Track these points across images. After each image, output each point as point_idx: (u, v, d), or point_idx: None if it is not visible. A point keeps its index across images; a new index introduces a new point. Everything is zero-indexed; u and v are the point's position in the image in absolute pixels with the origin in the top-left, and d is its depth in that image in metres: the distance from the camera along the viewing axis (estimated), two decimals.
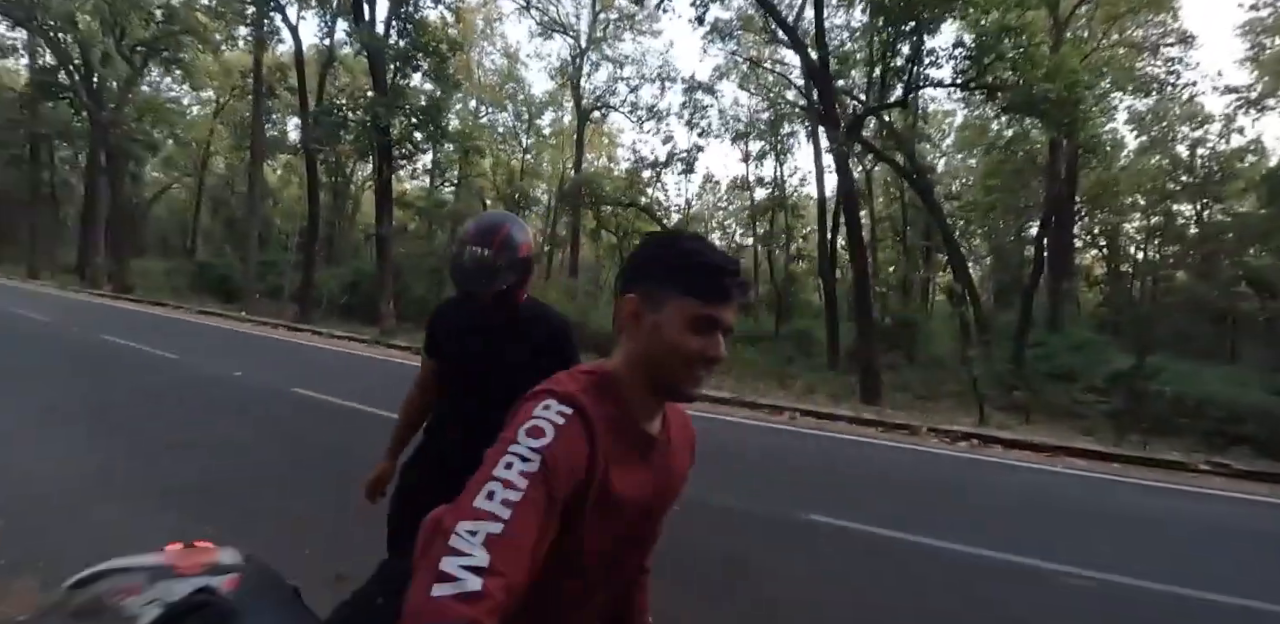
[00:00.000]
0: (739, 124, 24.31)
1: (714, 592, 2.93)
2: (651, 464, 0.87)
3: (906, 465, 5.75)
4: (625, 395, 0.84)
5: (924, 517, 4.12)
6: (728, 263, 0.84)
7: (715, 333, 0.83)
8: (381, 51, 15.59)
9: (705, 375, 0.84)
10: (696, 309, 0.81)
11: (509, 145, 30.90)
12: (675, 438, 0.94)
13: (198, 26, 20.28)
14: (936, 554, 3.53)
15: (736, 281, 0.84)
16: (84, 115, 22.94)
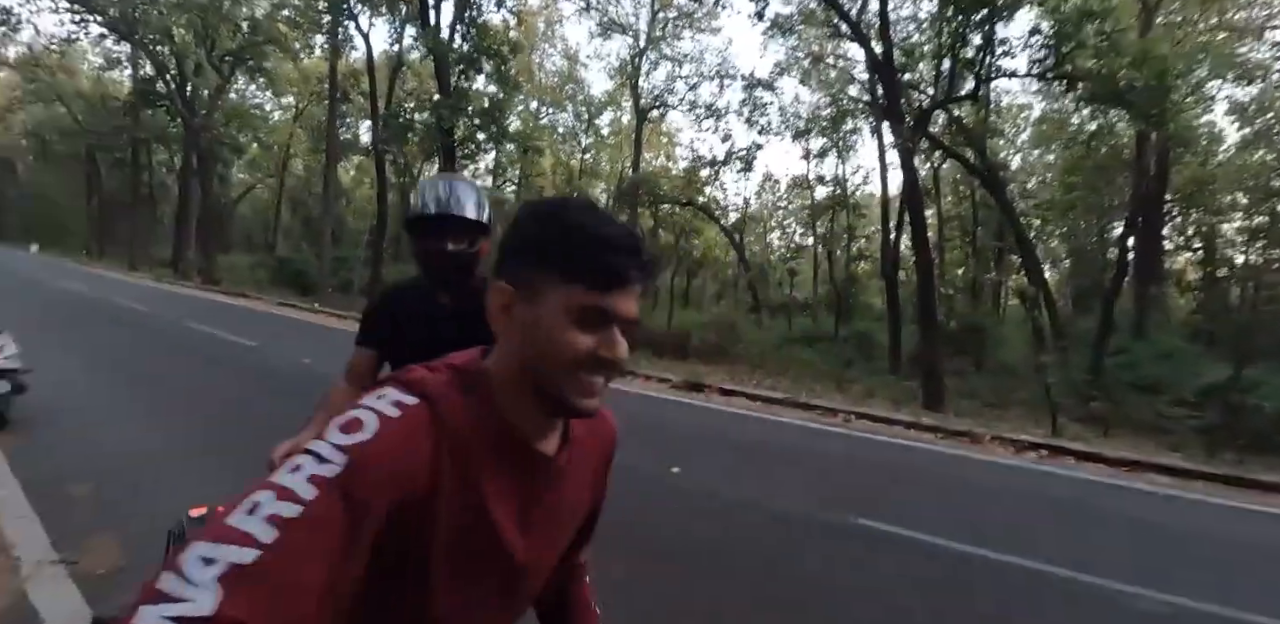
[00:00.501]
0: (799, 121, 23.83)
1: (755, 591, 2.86)
2: (538, 494, 0.67)
3: (965, 473, 5.48)
4: (503, 404, 0.64)
5: (978, 526, 3.91)
6: (623, 237, 0.63)
7: (610, 328, 0.63)
8: (446, 55, 16.08)
9: (601, 383, 0.64)
10: (583, 298, 0.61)
11: (568, 145, 31.31)
12: (576, 463, 0.72)
13: (279, 36, 21.48)
14: (989, 566, 3.34)
15: (636, 261, 0.63)
16: (179, 121, 24.69)
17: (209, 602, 0.42)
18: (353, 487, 0.51)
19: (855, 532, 3.76)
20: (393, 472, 0.54)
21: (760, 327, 23.84)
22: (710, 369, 11.37)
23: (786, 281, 30.31)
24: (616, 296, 0.62)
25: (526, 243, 0.64)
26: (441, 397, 0.60)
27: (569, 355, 0.61)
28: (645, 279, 0.64)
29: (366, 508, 0.51)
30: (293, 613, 0.46)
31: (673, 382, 9.01)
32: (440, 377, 0.63)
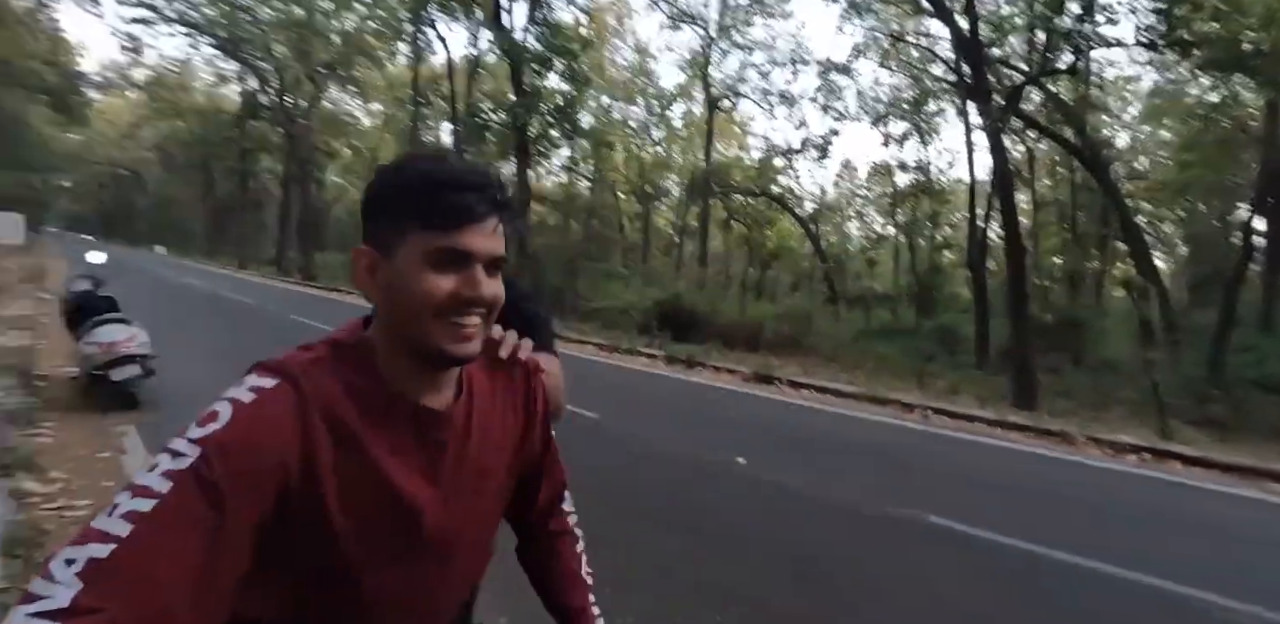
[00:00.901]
0: (879, 105, 22.86)
1: (805, 578, 2.81)
2: (438, 447, 0.67)
3: (1051, 474, 5.14)
4: (382, 365, 0.64)
5: (1060, 529, 3.67)
6: (464, 174, 0.63)
7: (470, 267, 0.62)
8: (520, 56, 16.49)
9: (474, 325, 0.63)
10: (434, 241, 0.60)
11: (640, 138, 31.41)
12: (483, 414, 0.72)
13: (367, 46, 22.70)
14: (1064, 569, 3.13)
15: (480, 196, 0.62)
16: (280, 130, 26.57)
17: (68, 595, 0.45)
18: (205, 475, 0.52)
19: (920, 527, 3.63)
20: (249, 454, 0.54)
21: (837, 319, 23.15)
22: (783, 362, 11.14)
23: (865, 272, 29.25)
24: (468, 234, 0.61)
25: (375, 202, 0.64)
26: (303, 373, 0.60)
27: (431, 301, 0.61)
28: (496, 212, 0.63)
29: (222, 493, 0.52)
30: (152, 603, 0.47)
31: (743, 374, 8.92)
32: (308, 354, 0.63)
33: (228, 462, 0.53)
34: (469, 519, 0.72)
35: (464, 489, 0.70)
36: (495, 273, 0.64)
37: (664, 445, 5.12)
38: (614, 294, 19.95)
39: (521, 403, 0.78)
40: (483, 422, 0.72)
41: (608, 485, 4.03)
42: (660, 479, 4.32)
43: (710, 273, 26.11)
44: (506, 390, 0.77)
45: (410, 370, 0.65)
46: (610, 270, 25.47)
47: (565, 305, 21.94)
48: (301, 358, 0.63)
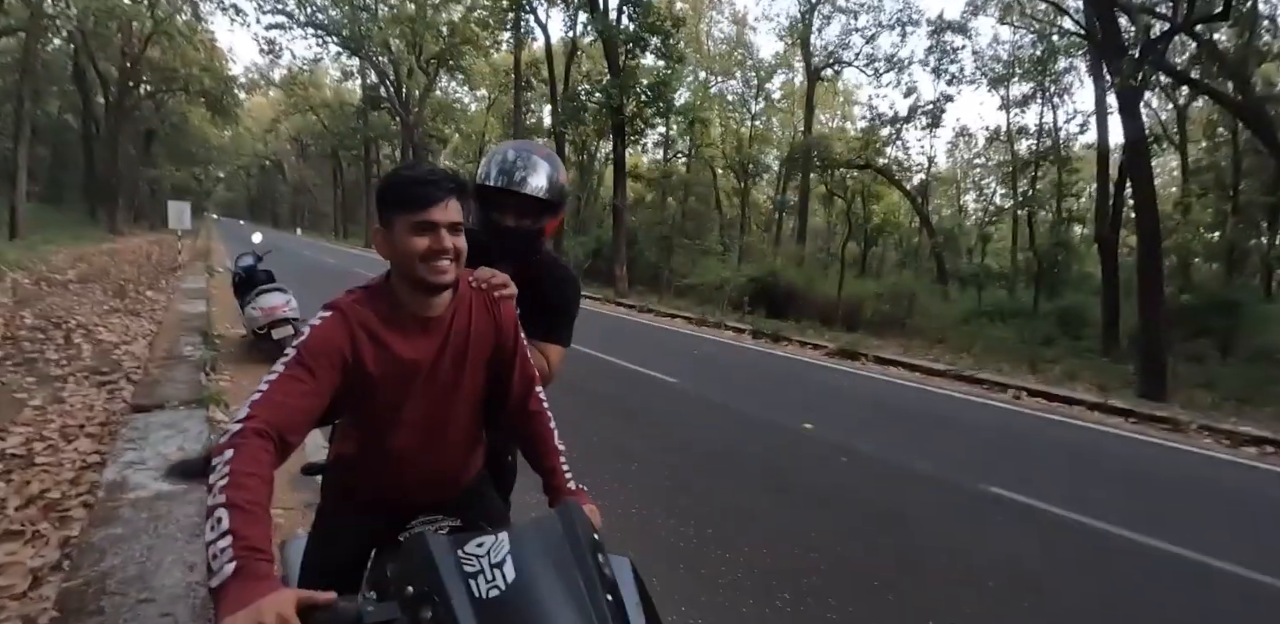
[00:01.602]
0: (998, 65, 21.12)
1: (862, 537, 2.99)
2: (432, 335, 1.12)
3: (1133, 458, 4.89)
4: (396, 295, 1.10)
5: (1133, 509, 3.59)
6: (425, 173, 1.05)
7: (437, 231, 1.03)
8: (614, 36, 16.73)
9: (442, 265, 1.05)
10: (413, 218, 1.03)
11: (738, 113, 30.87)
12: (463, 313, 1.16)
13: (473, 36, 23.82)
14: (1124, 544, 3.10)
15: (436, 186, 1.04)
16: (397, 120, 28.56)
17: (245, 411, 0.91)
18: (304, 360, 0.99)
19: (981, 497, 3.69)
20: (328, 350, 1.01)
21: (945, 298, 21.99)
22: (882, 342, 10.88)
23: (979, 249, 27.38)
24: (432, 211, 1.03)
25: (379, 197, 1.08)
26: (345, 305, 1.07)
27: (417, 252, 1.03)
28: (448, 192, 1.04)
29: (309, 368, 0.98)
30: (278, 416, 0.92)
31: (828, 349, 8.91)
32: (350, 295, 1.10)
33: (308, 353, 1.00)
34: (457, 376, 1.17)
35: (452, 357, 1.15)
36: (456, 232, 1.06)
37: (737, 408, 5.37)
38: (709, 270, 20.08)
39: (491, 312, 1.21)
40: (467, 321, 1.17)
41: (679, 435, 4.36)
42: (731, 437, 4.58)
43: (810, 249, 25.53)
44: (484, 305, 1.20)
45: (413, 295, 1.10)
46: (706, 247, 25.52)
47: (660, 281, 22.35)
48: (346, 298, 1.09)
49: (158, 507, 2.35)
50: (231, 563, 0.73)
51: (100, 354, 5.32)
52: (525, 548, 0.81)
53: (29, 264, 11.36)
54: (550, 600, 0.77)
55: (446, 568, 0.78)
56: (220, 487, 0.80)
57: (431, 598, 0.75)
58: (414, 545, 0.82)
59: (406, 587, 0.78)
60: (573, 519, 0.87)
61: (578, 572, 0.80)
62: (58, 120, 28.54)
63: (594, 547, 0.84)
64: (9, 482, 2.80)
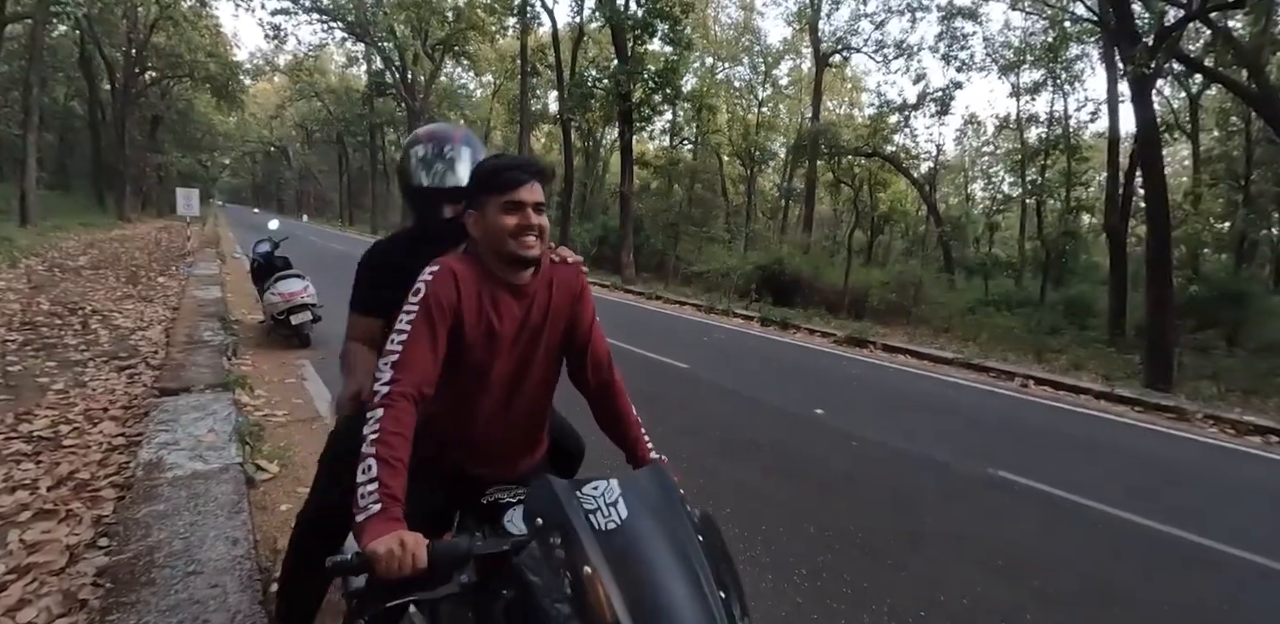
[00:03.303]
0: (1008, 52, 20.88)
1: (869, 517, 3.05)
2: (520, 302, 1.25)
3: (1139, 446, 4.94)
4: (487, 264, 1.23)
5: (1137, 493, 3.65)
6: (512, 159, 1.22)
7: (524, 209, 1.18)
8: (622, 22, 16.59)
9: (529, 240, 1.19)
10: (503, 198, 1.18)
11: (745, 99, 30.63)
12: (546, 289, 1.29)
13: (479, 21, 23.61)
14: (1136, 531, 3.17)
15: (522, 169, 1.19)
16: (403, 106, 28.44)
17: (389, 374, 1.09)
18: (429, 313, 1.15)
19: (988, 481, 3.77)
20: (443, 302, 1.16)
21: (951, 287, 21.96)
22: (889, 330, 10.92)
23: (986, 238, 27.24)
24: (520, 191, 1.18)
25: (475, 182, 1.25)
26: (454, 262, 1.21)
27: (507, 229, 1.18)
28: (533, 176, 1.19)
29: (438, 320, 1.15)
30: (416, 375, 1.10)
31: (835, 337, 8.95)
32: (453, 257, 1.24)
33: (436, 305, 1.16)
34: (536, 346, 1.30)
35: (539, 322, 1.29)
36: (540, 211, 1.21)
37: (748, 394, 5.44)
38: (715, 258, 20.08)
39: (572, 284, 1.34)
40: (549, 292, 1.30)
41: (693, 420, 4.43)
42: (744, 422, 4.65)
43: (816, 237, 25.44)
44: (564, 277, 1.33)
45: (500, 267, 1.24)
46: (712, 234, 25.47)
47: (667, 268, 22.36)
48: (450, 258, 1.24)
49: (195, 485, 2.43)
50: (376, 504, 0.95)
51: (117, 339, 5.41)
52: (632, 493, 0.94)
53: (41, 250, 11.45)
54: (655, 536, 0.89)
55: (571, 505, 0.91)
56: (371, 440, 1.02)
57: (559, 527, 0.88)
58: (540, 487, 0.96)
59: (536, 519, 0.92)
60: (663, 475, 1.03)
61: (671, 516, 0.93)
62: (64, 107, 28.49)
63: (681, 498, 0.99)
64: (39, 463, 2.89)
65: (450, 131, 1.58)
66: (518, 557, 0.89)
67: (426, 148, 1.54)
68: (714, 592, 0.86)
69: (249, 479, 2.70)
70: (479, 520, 1.17)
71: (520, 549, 0.90)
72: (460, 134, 1.59)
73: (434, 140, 1.55)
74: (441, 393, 1.23)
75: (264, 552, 2.17)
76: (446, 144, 1.54)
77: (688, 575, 0.86)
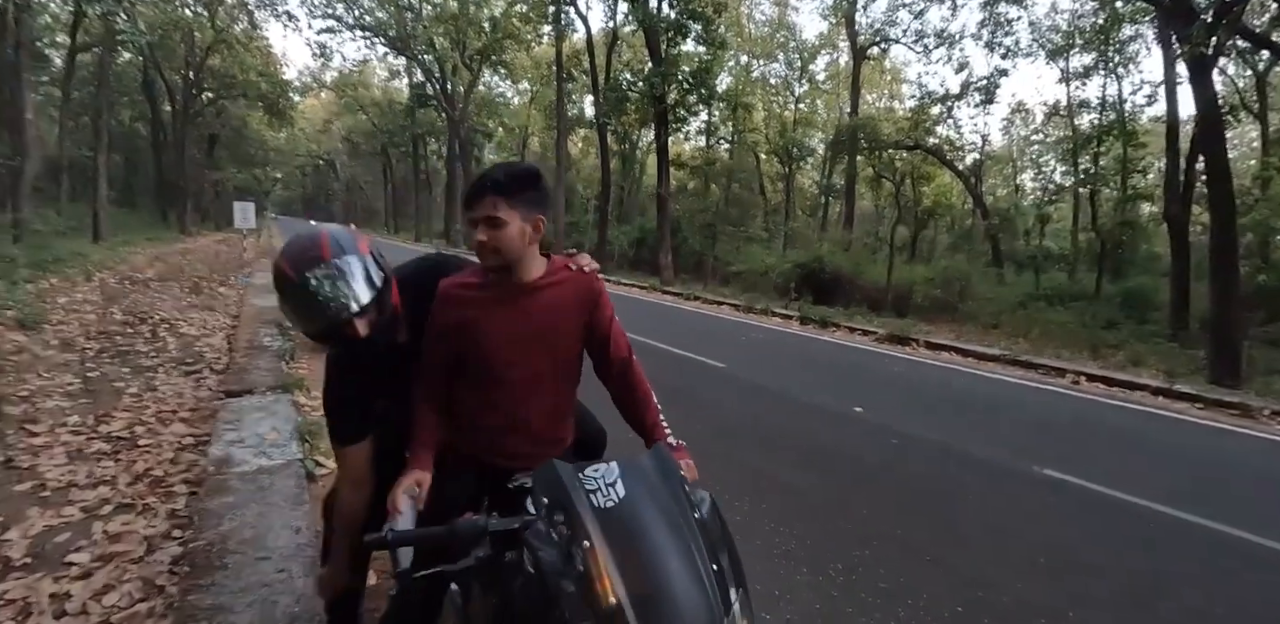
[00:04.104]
0: (1056, 36, 20.13)
1: (908, 513, 3.04)
2: (520, 304, 1.35)
3: (1198, 443, 4.74)
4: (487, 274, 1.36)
5: (1194, 492, 3.52)
6: (475, 179, 1.29)
7: (475, 226, 1.27)
8: (655, 25, 16.68)
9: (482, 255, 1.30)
10: (466, 215, 1.30)
11: (781, 96, 30.35)
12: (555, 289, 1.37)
13: (515, 30, 24.09)
14: (1192, 532, 3.06)
15: (477, 187, 1.27)
16: (443, 116, 29.18)
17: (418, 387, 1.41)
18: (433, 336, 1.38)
19: (1033, 478, 3.69)
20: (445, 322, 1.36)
21: (1000, 282, 21.26)
22: (933, 327, 10.68)
23: (1037, 230, 26.28)
24: (474, 209, 1.27)
25: None
26: (452, 282, 1.38)
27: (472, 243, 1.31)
28: (486, 191, 1.25)
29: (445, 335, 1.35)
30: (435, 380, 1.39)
31: (876, 335, 8.82)
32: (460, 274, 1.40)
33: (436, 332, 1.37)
34: (552, 337, 1.38)
35: (539, 320, 1.37)
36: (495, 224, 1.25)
37: (786, 392, 5.43)
38: (754, 257, 19.94)
39: (586, 289, 1.42)
40: (555, 293, 1.38)
41: (730, 418, 4.47)
42: (781, 420, 4.66)
43: (857, 234, 25.01)
44: (578, 282, 1.41)
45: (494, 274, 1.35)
46: (751, 234, 25.30)
47: (705, 269, 22.32)
48: (451, 279, 1.39)
49: (261, 480, 2.62)
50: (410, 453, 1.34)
51: (184, 346, 5.77)
52: (630, 474, 1.02)
53: (112, 264, 12.21)
54: (651, 513, 0.97)
55: (573, 485, 0.99)
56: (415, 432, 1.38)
57: (562, 506, 0.97)
58: (546, 470, 1.04)
59: (542, 498, 1.01)
60: (664, 457, 1.09)
61: (669, 495, 1.01)
62: (129, 129, 30.21)
63: (680, 479, 1.05)
64: (117, 461, 3.14)
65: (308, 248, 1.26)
66: (527, 532, 0.98)
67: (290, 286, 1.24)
68: (706, 563, 0.93)
69: (309, 474, 2.88)
70: (505, 505, 1.27)
71: (529, 526, 0.99)
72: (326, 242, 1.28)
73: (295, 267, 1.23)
74: (467, 392, 1.40)
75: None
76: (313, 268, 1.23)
77: (681, 549, 0.93)
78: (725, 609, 0.90)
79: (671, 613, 0.86)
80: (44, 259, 10.24)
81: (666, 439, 1.39)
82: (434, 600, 1.35)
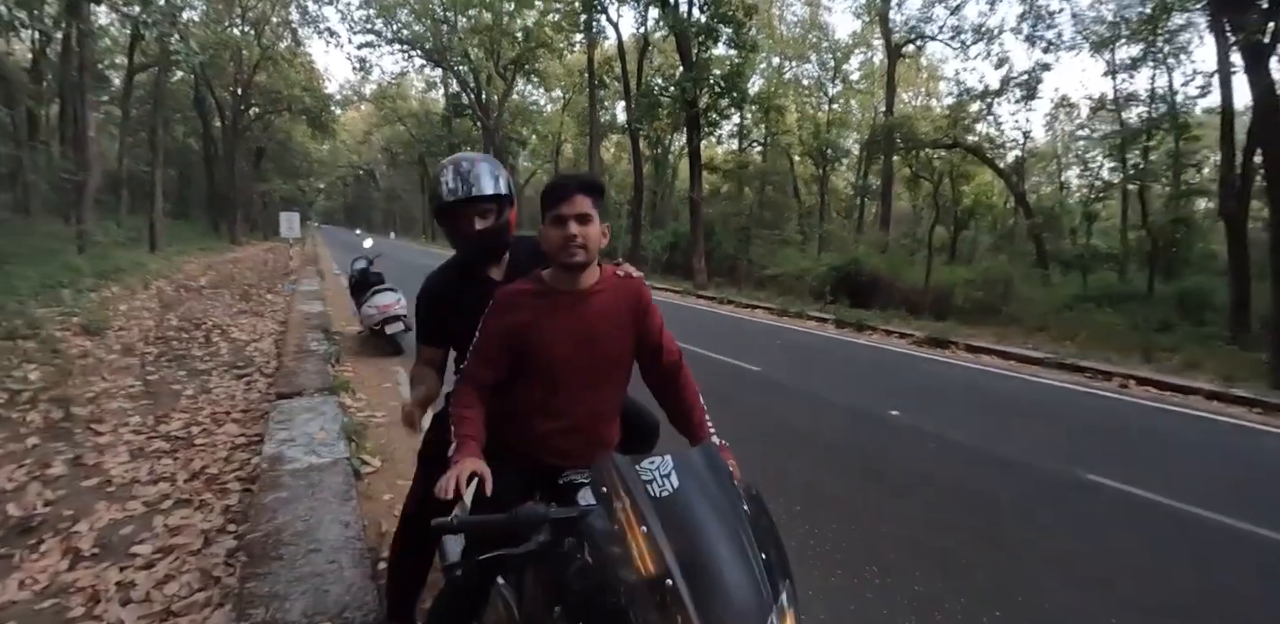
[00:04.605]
0: (1100, 27, 19.49)
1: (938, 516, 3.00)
2: (575, 311, 1.40)
3: (1254, 449, 4.52)
4: (547, 278, 1.41)
5: (1249, 500, 3.37)
6: (558, 180, 1.35)
7: (566, 222, 1.31)
8: (686, 30, 16.74)
9: (571, 250, 1.32)
10: (549, 213, 1.34)
11: (814, 97, 30.08)
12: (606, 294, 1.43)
13: (547, 39, 24.48)
14: (1247, 540, 2.93)
15: (563, 186, 1.33)
16: (478, 125, 29.78)
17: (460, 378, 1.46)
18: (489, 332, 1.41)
19: (1076, 483, 3.60)
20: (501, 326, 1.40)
21: (1045, 283, 20.62)
22: (975, 331, 10.38)
23: (1083, 228, 25.41)
24: (561, 206, 1.32)
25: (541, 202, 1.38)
26: (510, 289, 1.43)
27: (553, 240, 1.33)
28: (574, 190, 1.32)
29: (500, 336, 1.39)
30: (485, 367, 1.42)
31: (914, 337, 8.66)
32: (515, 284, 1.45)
33: (495, 327, 1.41)
34: (617, 338, 1.45)
35: (602, 323, 1.43)
36: (585, 221, 1.32)
37: (821, 395, 5.39)
38: (789, 260, 19.77)
39: (635, 296, 1.48)
40: (608, 299, 1.44)
41: (764, 421, 4.46)
42: (816, 423, 4.63)
43: (894, 235, 24.57)
44: (626, 289, 1.48)
45: (558, 274, 1.40)
46: (785, 236, 25.09)
47: (739, 273, 22.21)
48: (508, 287, 1.45)
49: (312, 476, 2.73)
50: (456, 441, 1.30)
51: (235, 350, 6.03)
52: (683, 467, 1.06)
53: (168, 273, 12.80)
54: (703, 503, 1.02)
55: (630, 475, 1.04)
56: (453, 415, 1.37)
57: (620, 494, 1.01)
58: (604, 463, 1.10)
59: (601, 488, 1.06)
60: (712, 453, 1.15)
61: (719, 488, 1.06)
62: (183, 143, 31.63)
63: (730, 474, 1.11)
64: (176, 459, 3.31)
65: (469, 155, 1.72)
66: (585, 520, 1.03)
67: (448, 170, 1.65)
68: (755, 552, 0.97)
69: (355, 471, 3.00)
70: (556, 500, 1.32)
71: (587, 515, 1.04)
72: (478, 156, 1.72)
73: (453, 163, 1.67)
74: (519, 394, 1.43)
75: (370, 534, 2.42)
76: (464, 163, 1.65)
77: (731, 537, 0.97)
78: (774, 597, 0.94)
79: (725, 598, 0.90)
80: (106, 268, 10.80)
81: (711, 439, 1.44)
82: (482, 592, 1.39)
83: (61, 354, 5.31)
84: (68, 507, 2.73)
